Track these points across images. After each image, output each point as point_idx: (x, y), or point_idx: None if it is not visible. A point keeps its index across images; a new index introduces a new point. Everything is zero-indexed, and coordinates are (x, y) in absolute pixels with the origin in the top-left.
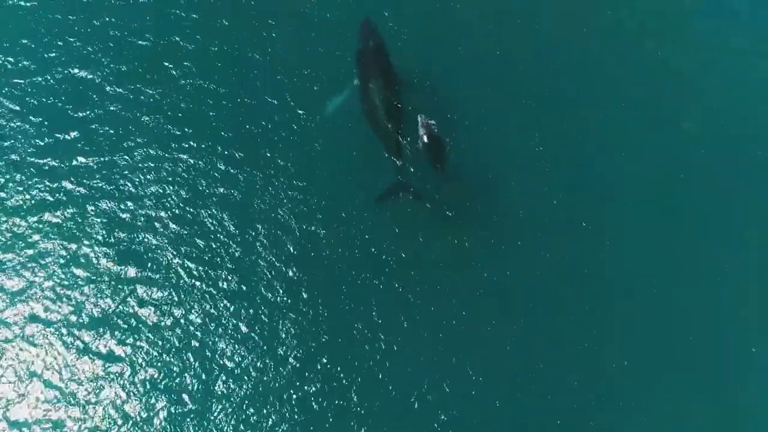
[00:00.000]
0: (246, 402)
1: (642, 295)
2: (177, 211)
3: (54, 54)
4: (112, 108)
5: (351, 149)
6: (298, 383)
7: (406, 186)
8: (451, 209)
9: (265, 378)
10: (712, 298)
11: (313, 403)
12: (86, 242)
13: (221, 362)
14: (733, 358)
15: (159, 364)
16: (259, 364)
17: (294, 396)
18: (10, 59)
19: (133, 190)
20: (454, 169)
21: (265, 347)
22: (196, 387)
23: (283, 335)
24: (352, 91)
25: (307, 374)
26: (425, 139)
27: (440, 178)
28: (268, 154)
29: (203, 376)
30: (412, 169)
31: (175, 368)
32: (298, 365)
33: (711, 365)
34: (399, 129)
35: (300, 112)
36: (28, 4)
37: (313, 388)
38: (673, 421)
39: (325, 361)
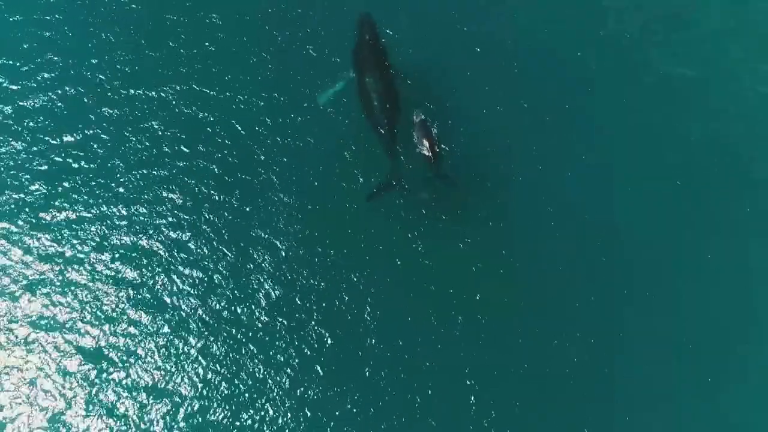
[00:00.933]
0: (243, 410)
1: (641, 300)
2: (172, 219)
3: (45, 71)
4: (106, 119)
5: (347, 145)
6: (296, 387)
7: (400, 183)
8: (445, 208)
9: (263, 382)
10: (713, 302)
11: (311, 408)
12: (80, 262)
13: (219, 369)
14: (733, 360)
15: (157, 375)
16: (256, 370)
17: (292, 401)
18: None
19: (128, 202)
20: (449, 166)
21: (262, 352)
22: (194, 394)
23: (280, 339)
24: (346, 83)
25: (305, 377)
26: (421, 136)
27: (435, 175)
28: (262, 157)
29: (203, 383)
30: (407, 166)
31: (174, 378)
32: (295, 370)
33: (711, 366)
34: (394, 125)
35: (295, 113)
36: (19, 19)
37: (312, 393)
38: (674, 421)
39: (322, 365)
